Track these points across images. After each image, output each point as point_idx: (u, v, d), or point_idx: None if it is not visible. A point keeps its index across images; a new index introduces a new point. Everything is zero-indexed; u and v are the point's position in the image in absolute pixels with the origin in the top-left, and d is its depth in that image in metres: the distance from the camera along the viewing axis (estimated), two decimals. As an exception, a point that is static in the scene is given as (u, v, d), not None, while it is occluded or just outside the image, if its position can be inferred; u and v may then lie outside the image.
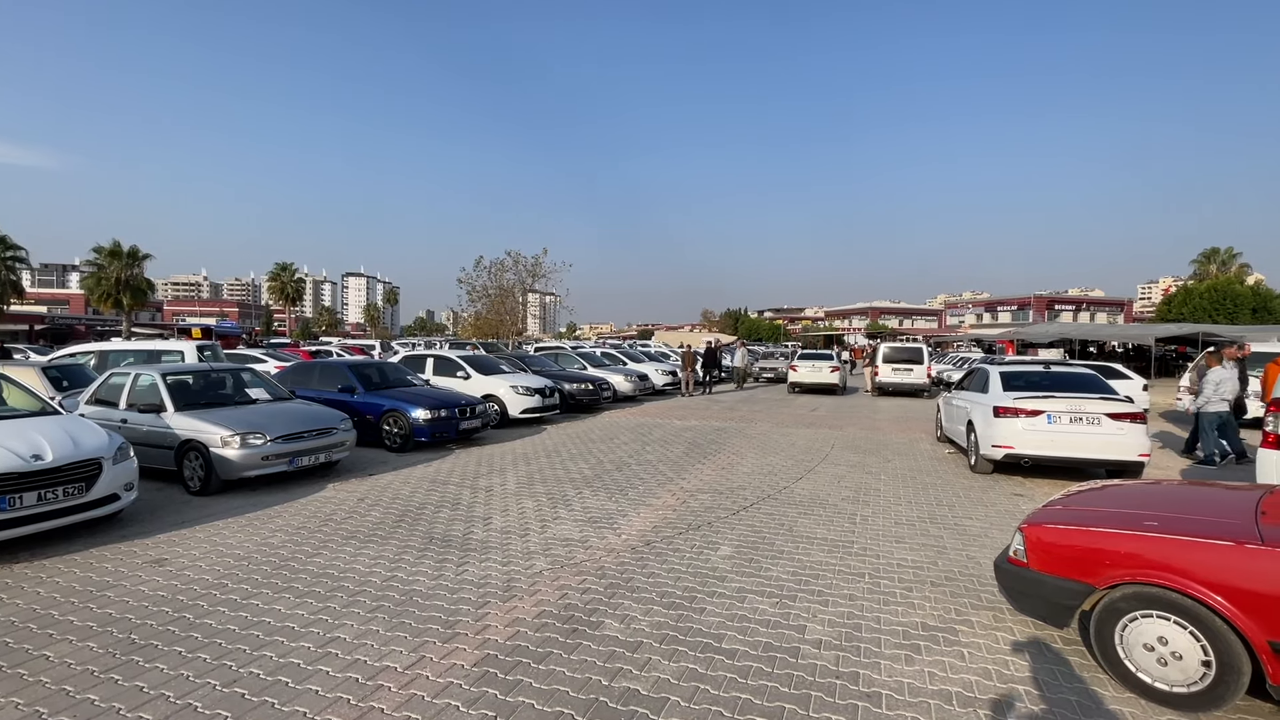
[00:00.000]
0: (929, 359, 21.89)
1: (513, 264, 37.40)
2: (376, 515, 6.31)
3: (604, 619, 4.01)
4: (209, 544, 5.40)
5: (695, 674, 3.36)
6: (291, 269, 70.22)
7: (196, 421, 7.14)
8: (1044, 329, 37.16)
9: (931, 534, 5.90)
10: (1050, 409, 7.95)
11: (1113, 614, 3.29)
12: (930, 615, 4.12)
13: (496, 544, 5.48)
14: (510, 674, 3.34)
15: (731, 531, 5.89)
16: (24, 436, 5.24)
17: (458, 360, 13.67)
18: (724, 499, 7.11)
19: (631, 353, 23.31)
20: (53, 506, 5.08)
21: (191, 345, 12.48)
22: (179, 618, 3.98)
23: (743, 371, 23.52)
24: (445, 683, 3.25)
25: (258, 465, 7.06)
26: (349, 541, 5.49)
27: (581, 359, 19.42)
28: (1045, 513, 3.91)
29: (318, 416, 8.06)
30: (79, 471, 5.26)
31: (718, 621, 3.99)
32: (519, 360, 16.31)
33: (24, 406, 6.17)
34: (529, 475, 8.25)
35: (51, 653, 3.53)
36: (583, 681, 3.28)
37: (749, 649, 3.64)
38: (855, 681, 3.31)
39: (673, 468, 8.80)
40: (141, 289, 39.84)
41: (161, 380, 7.67)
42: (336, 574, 4.73)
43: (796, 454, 10.04)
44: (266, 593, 4.38)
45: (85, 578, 4.62)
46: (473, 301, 38.43)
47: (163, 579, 4.61)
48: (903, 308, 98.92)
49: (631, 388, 18.11)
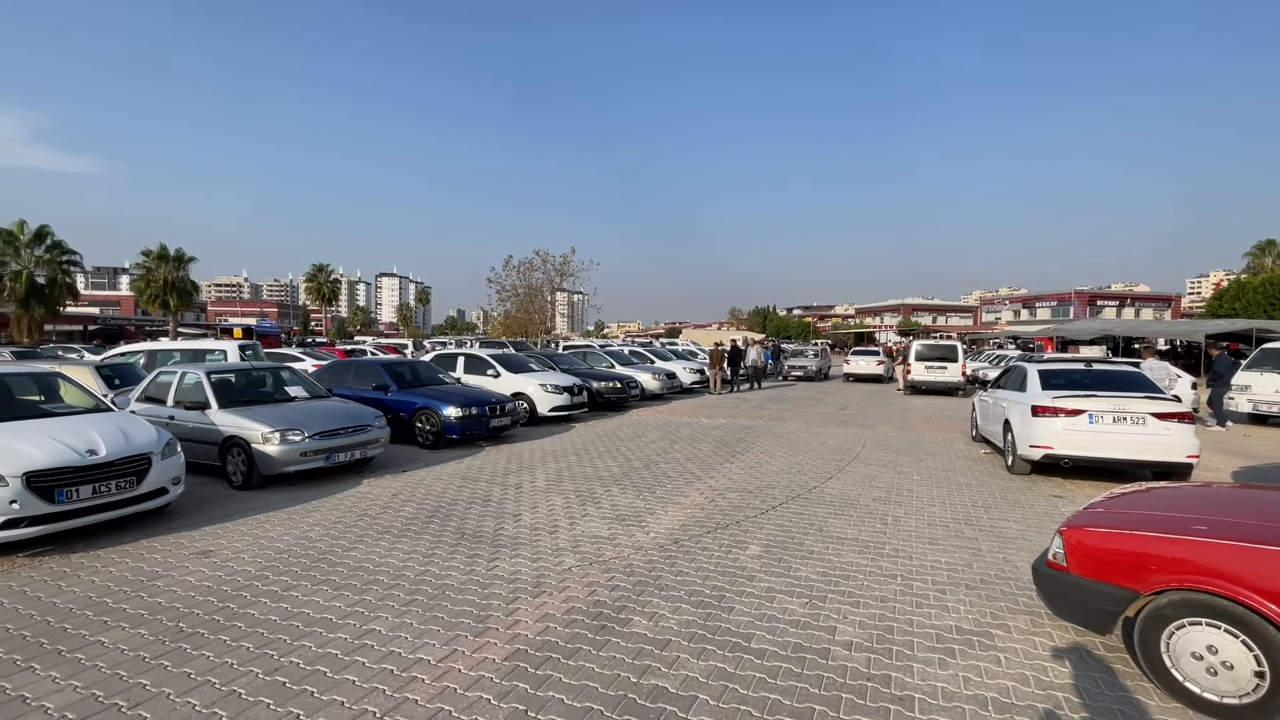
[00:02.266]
0: (963, 357, 21.39)
1: (541, 263, 37.80)
2: (410, 511, 6.44)
3: (632, 616, 4.03)
4: (251, 537, 5.58)
5: (724, 673, 3.36)
6: (328, 270, 72.03)
7: (239, 418, 7.38)
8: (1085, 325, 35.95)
9: (966, 536, 5.78)
10: (1092, 408, 7.70)
11: (1159, 621, 3.18)
12: (965, 619, 4.04)
13: (526, 540, 5.55)
14: (540, 669, 3.38)
15: (760, 531, 5.86)
16: (79, 432, 5.49)
17: (488, 359, 13.85)
18: (752, 498, 7.07)
19: (659, 351, 23.32)
20: (106, 499, 5.32)
21: (234, 345, 12.91)
22: (224, 607, 4.13)
23: (759, 370, 22.89)
24: (477, 676, 3.31)
25: (297, 461, 7.27)
26: (384, 536, 5.62)
27: (609, 357, 19.48)
28: (1086, 515, 3.79)
29: (353, 414, 8.26)
30: (130, 466, 5.49)
31: (746, 621, 3.97)
32: (548, 359, 16.45)
33: (80, 404, 6.46)
34: (558, 473, 8.32)
35: (106, 639, 3.69)
36: (611, 678, 3.30)
37: (778, 649, 3.62)
38: (887, 684, 3.27)
39: (701, 466, 8.78)
40: (187, 290, 41.29)
41: (206, 379, 7.95)
42: (372, 568, 4.85)
43: (826, 453, 9.92)
44: (305, 584, 4.51)
45: (136, 568, 4.82)
46: (502, 301, 38.94)
47: (208, 570, 4.79)
48: (936, 304, 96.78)
49: (659, 386, 18.11)
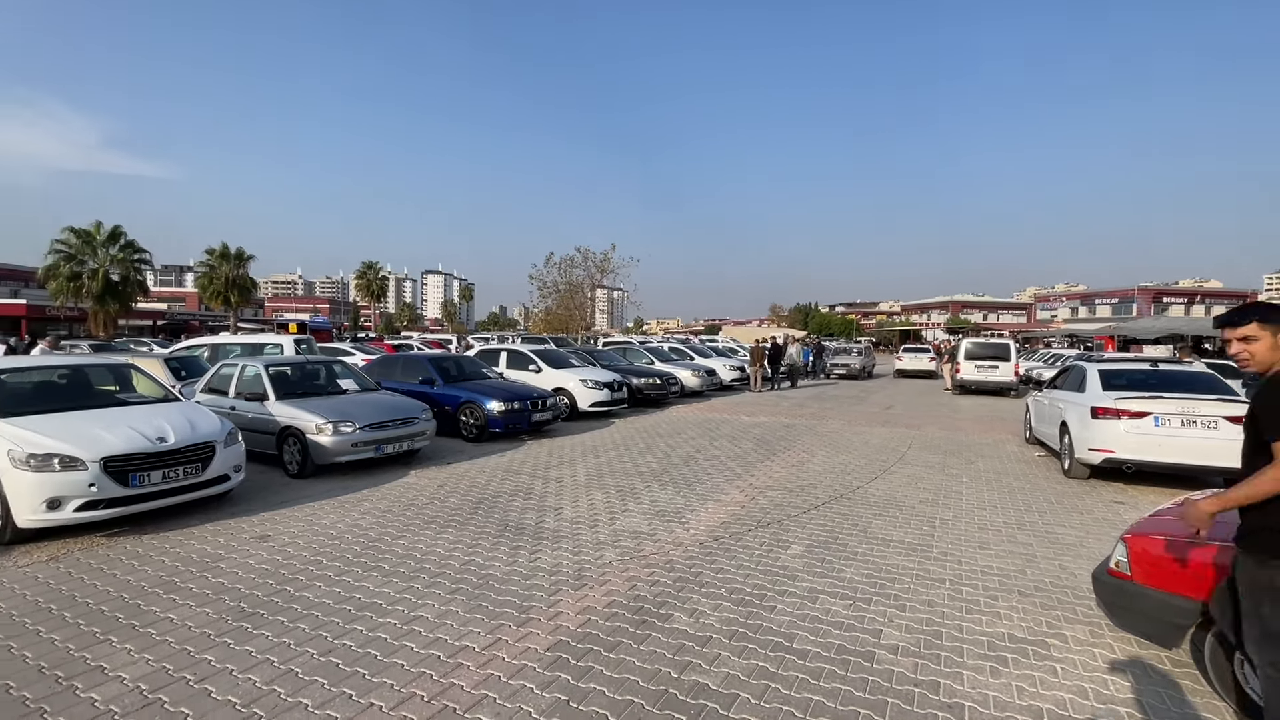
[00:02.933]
0: (1016, 355, 20.59)
1: (582, 260, 38.11)
2: (455, 502, 6.60)
3: (673, 612, 4.03)
4: (306, 523, 5.82)
5: (765, 672, 3.33)
6: (376, 267, 74.29)
7: (294, 410, 7.70)
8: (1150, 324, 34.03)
9: (1020, 541, 5.57)
10: (1158, 410, 7.30)
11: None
12: (1018, 626, 3.90)
13: (567, 534, 5.61)
14: (582, 660, 3.42)
15: (802, 530, 5.78)
16: (151, 421, 5.82)
17: (529, 354, 14.05)
18: (794, 497, 6.98)
19: (699, 348, 23.20)
20: (174, 484, 5.62)
21: (289, 339, 13.46)
22: (281, 590, 4.31)
23: (795, 368, 22.20)
24: (520, 665, 3.37)
25: (348, 451, 7.53)
26: (430, 526, 5.77)
27: (649, 354, 19.51)
28: (1153, 522, 3.60)
29: (401, 407, 8.50)
30: (196, 453, 5.79)
31: (788, 621, 3.93)
32: (588, 355, 16.58)
33: (150, 394, 6.85)
34: (598, 467, 8.38)
35: (175, 616, 3.91)
36: (652, 672, 3.31)
37: (821, 650, 3.57)
38: (935, 691, 3.18)
39: (741, 464, 8.71)
40: (246, 287, 43.21)
41: (265, 371, 8.31)
42: (419, 556, 4.99)
43: (870, 453, 9.71)
44: (356, 570, 4.68)
45: (201, 549, 5.09)
46: (543, 297, 39.43)
47: (266, 554, 5.01)
48: (987, 301, 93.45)
49: (699, 383, 18.03)
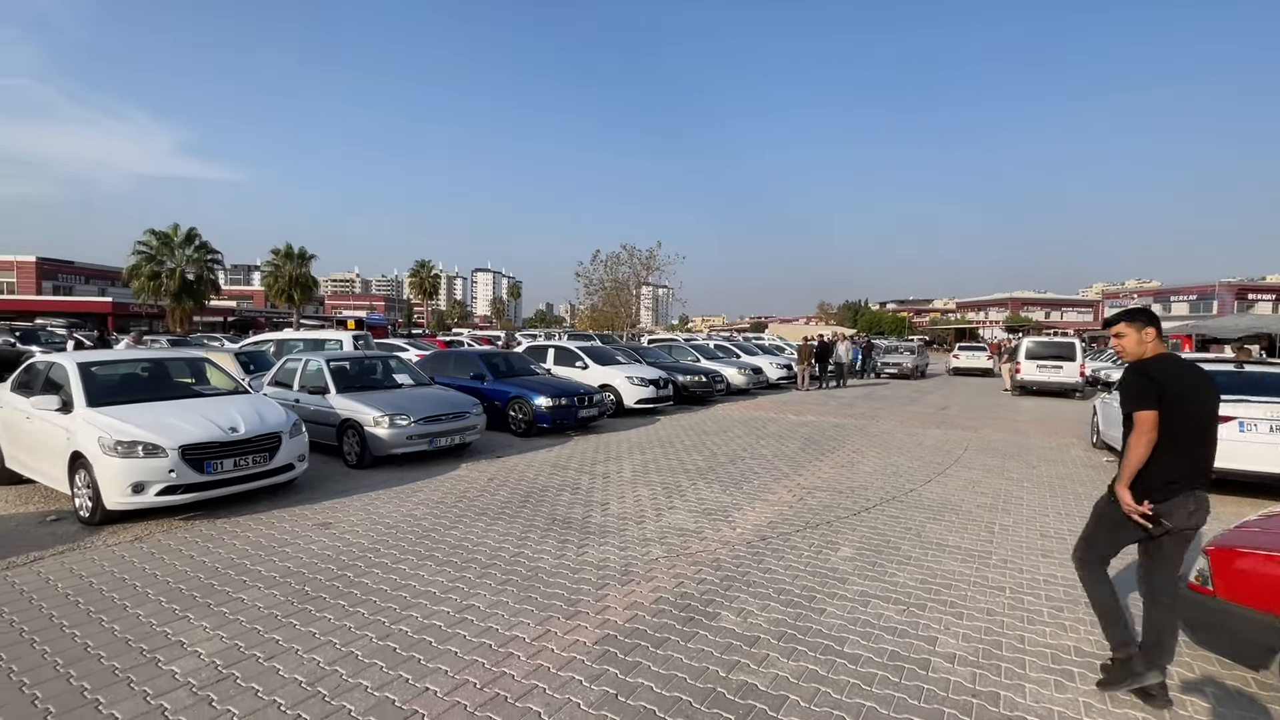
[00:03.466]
0: (1082, 355, 19.55)
1: (628, 257, 38.22)
2: (504, 495, 6.74)
3: (720, 611, 4.01)
4: (364, 512, 6.05)
5: (815, 675, 3.27)
6: (429, 266, 76.43)
7: (354, 403, 8.01)
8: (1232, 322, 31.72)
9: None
10: (1243, 415, 6.82)
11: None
12: (1086, 640, 3.71)
13: (614, 529, 5.65)
14: (629, 655, 3.44)
15: (852, 533, 5.65)
16: (223, 411, 6.16)
17: (577, 351, 14.20)
18: (844, 498, 6.83)
19: (745, 345, 22.95)
20: (244, 472, 5.94)
21: (348, 335, 14.01)
22: (341, 575, 4.50)
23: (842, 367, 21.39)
24: (568, 657, 3.42)
25: (403, 444, 7.79)
26: (481, 517, 5.91)
27: (694, 351, 19.43)
28: (1239, 534, 3.37)
29: (453, 401, 8.74)
30: (264, 443, 6.10)
31: (839, 624, 3.85)
32: (634, 352, 16.64)
33: (223, 386, 7.24)
34: (644, 464, 8.41)
35: (245, 597, 4.13)
36: (700, 670, 3.30)
37: (873, 655, 3.49)
38: (995, 703, 3.06)
39: (788, 463, 8.58)
40: (308, 285, 45.18)
41: (326, 366, 8.68)
42: (470, 547, 5.12)
43: (924, 455, 9.40)
44: (412, 559, 4.84)
45: (269, 534, 5.36)
46: (589, 294, 39.76)
47: (328, 540, 5.24)
48: (1049, 299, 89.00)
49: (745, 381, 17.85)
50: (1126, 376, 2.98)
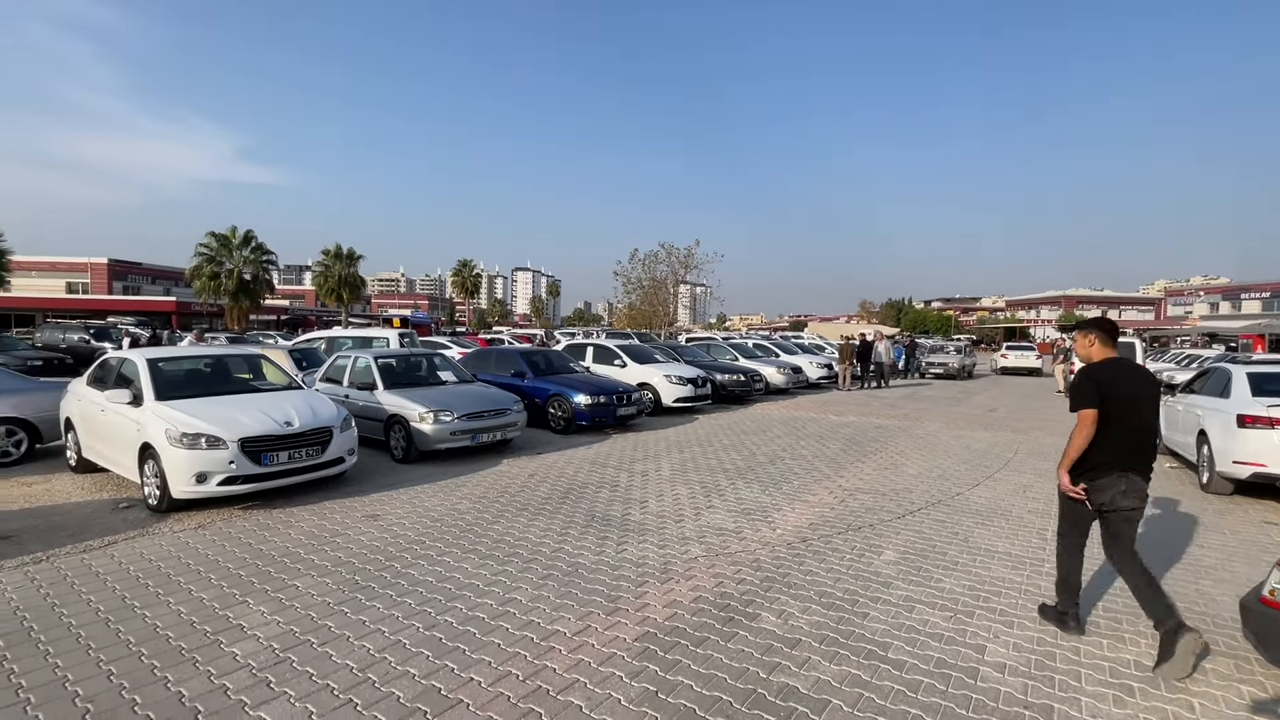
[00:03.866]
0: (1143, 356, 18.61)
1: (666, 256, 38.15)
2: (544, 491, 6.83)
3: (760, 611, 3.98)
4: (410, 505, 6.22)
5: (858, 680, 3.22)
6: (471, 265, 78.00)
7: (400, 399, 8.25)
8: (1313, 321, 29.69)
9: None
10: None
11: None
12: (1147, 654, 3.54)
13: (653, 527, 5.67)
14: (669, 654, 3.45)
15: (896, 536, 5.53)
16: (279, 406, 6.43)
17: (615, 349, 14.28)
18: (887, 501, 6.69)
19: (784, 344, 22.66)
20: (298, 465, 6.18)
21: (394, 333, 14.41)
22: (389, 566, 4.65)
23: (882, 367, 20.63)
24: (609, 653, 3.45)
25: (447, 440, 7.98)
26: (522, 513, 6.01)
27: (733, 350, 19.29)
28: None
29: (495, 398, 8.90)
30: (316, 437, 6.34)
31: (882, 629, 3.78)
32: (672, 350, 16.62)
33: (278, 382, 7.55)
34: (682, 463, 8.40)
35: (299, 584, 4.31)
36: (740, 670, 3.29)
37: (918, 662, 3.41)
38: (1048, 716, 2.96)
39: (830, 464, 8.45)
40: (356, 285, 46.69)
41: (374, 363, 8.96)
42: (512, 541, 5.22)
43: (972, 458, 9.12)
44: (456, 552, 4.95)
45: (320, 525, 5.57)
46: (627, 293, 39.84)
47: (376, 531, 5.41)
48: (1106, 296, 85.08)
49: (784, 380, 17.63)
50: (1075, 378, 3.61)
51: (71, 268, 50.27)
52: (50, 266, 49.38)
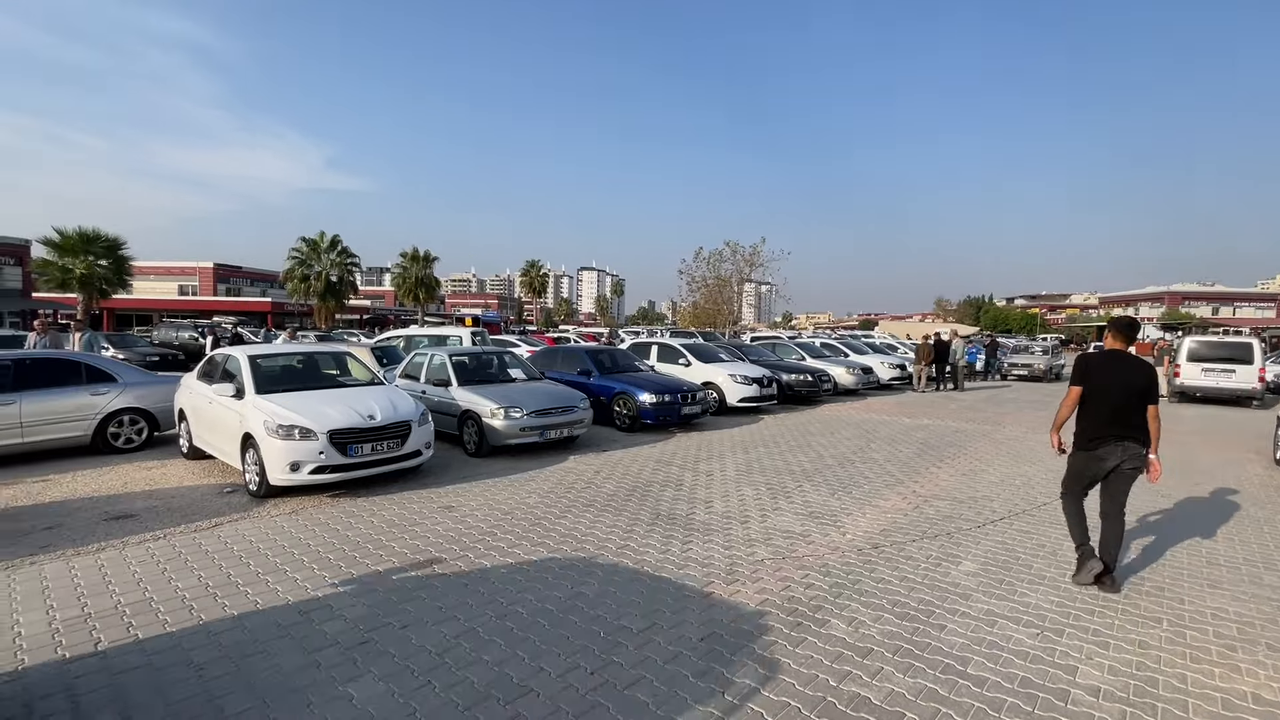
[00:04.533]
0: (1261, 357, 16.83)
1: (731, 254, 37.79)
2: (610, 488, 6.92)
3: (829, 618, 3.89)
4: (482, 498, 6.46)
5: (935, 694, 3.09)
6: (538, 265, 79.93)
7: (473, 395, 8.56)
8: None
9: (1266, 583, 4.59)
10: None
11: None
12: (1267, 686, 3.22)
13: (718, 528, 5.64)
14: (735, 655, 3.43)
15: (976, 546, 5.26)
16: (362, 400, 6.81)
17: (680, 348, 14.26)
18: (965, 509, 6.37)
19: (855, 344, 21.94)
20: (380, 456, 6.54)
21: (466, 332, 14.97)
22: (464, 555, 4.84)
23: (959, 368, 19.29)
24: (674, 651, 3.46)
25: (517, 435, 8.23)
26: (588, 509, 6.12)
27: (800, 349, 18.87)
28: None
29: (563, 395, 9.09)
30: (397, 430, 6.68)
31: (961, 643, 3.61)
32: (737, 349, 16.44)
33: (361, 377, 8.01)
34: (747, 463, 8.31)
35: (381, 569, 4.55)
36: (809, 677, 3.23)
37: (1001, 680, 3.23)
38: (1149, 746, 2.74)
39: (903, 469, 8.13)
40: (431, 285, 48.77)
41: (449, 360, 9.34)
42: (579, 536, 5.32)
43: (1059, 465, 8.43)
44: (526, 544, 5.10)
45: (400, 514, 5.86)
46: (692, 291, 39.73)
47: (451, 522, 5.65)
48: (1217, 292, 77.45)
49: (854, 381, 17.08)
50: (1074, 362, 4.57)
51: (182, 271, 55.06)
52: (164, 271, 54.21)
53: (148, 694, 3.03)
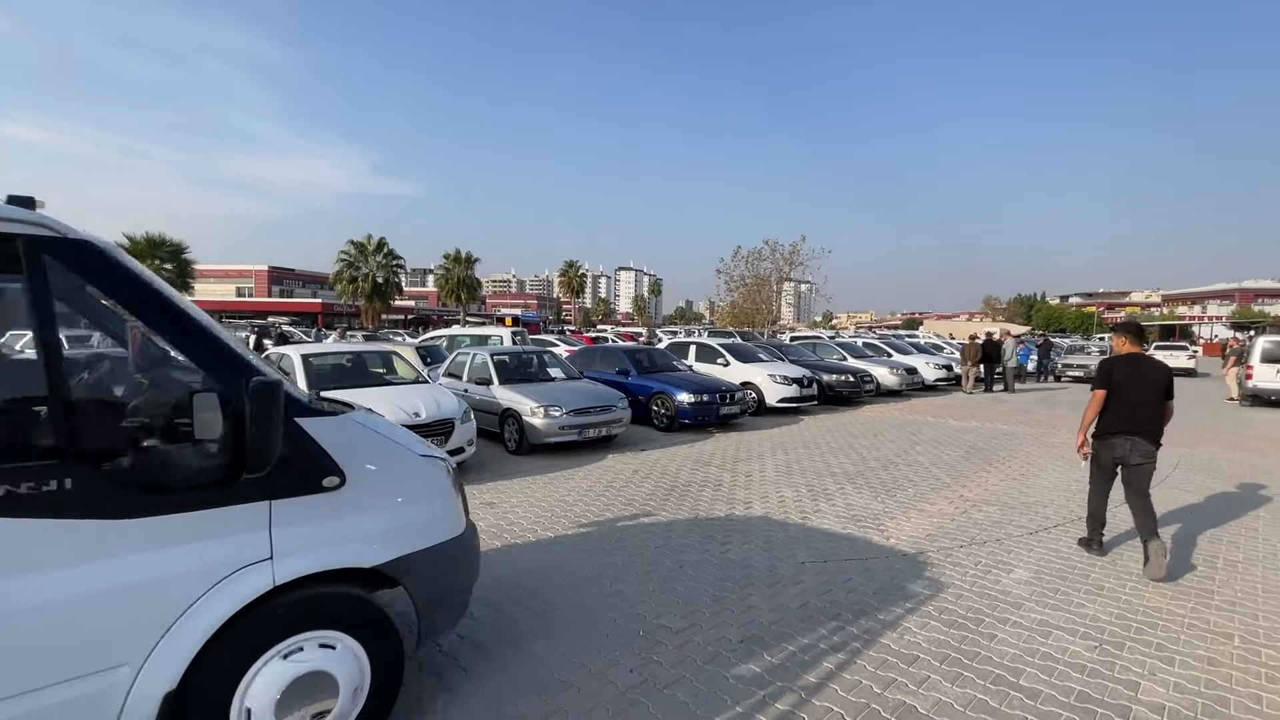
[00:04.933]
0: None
1: (770, 253, 37.33)
2: (649, 487, 6.93)
3: (873, 623, 3.81)
4: (523, 495, 6.55)
5: (985, 705, 2.99)
6: (576, 266, 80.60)
7: (513, 394, 8.70)
8: None
9: None
10: None
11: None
12: (1352, 711, 3.01)
13: (758, 529, 5.58)
14: (775, 657, 3.39)
15: (1028, 554, 5.07)
16: (408, 398, 7.00)
17: (718, 347, 14.18)
18: (1016, 515, 6.14)
19: (898, 344, 21.41)
20: (424, 453, 6.70)
21: (507, 331, 15.23)
22: (505, 550, 4.92)
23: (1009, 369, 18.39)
24: (714, 652, 3.45)
25: (556, 434, 8.32)
26: (627, 507, 6.14)
27: (840, 349, 18.52)
28: None
29: (601, 395, 9.15)
30: (440, 428, 6.84)
31: (1012, 654, 3.48)
32: (776, 349, 16.25)
33: (406, 376, 8.23)
34: (787, 465, 8.20)
35: (427, 562, 4.67)
36: (852, 683, 3.17)
37: (1056, 694, 3.11)
38: (1219, 768, 2.59)
39: (949, 472, 7.89)
40: (473, 286, 49.84)
41: (490, 360, 9.51)
42: (618, 535, 5.35)
43: (1120, 472, 8.13)
44: (566, 542, 5.15)
45: (444, 510, 5.99)
46: (730, 291, 39.42)
47: (494, 518, 5.75)
48: (1298, 288, 72.56)
49: (897, 381, 16.67)
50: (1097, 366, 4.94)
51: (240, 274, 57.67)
52: (223, 273, 56.87)
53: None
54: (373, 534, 2.53)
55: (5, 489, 1.83)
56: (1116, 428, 4.72)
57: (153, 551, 2.05)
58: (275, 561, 2.26)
